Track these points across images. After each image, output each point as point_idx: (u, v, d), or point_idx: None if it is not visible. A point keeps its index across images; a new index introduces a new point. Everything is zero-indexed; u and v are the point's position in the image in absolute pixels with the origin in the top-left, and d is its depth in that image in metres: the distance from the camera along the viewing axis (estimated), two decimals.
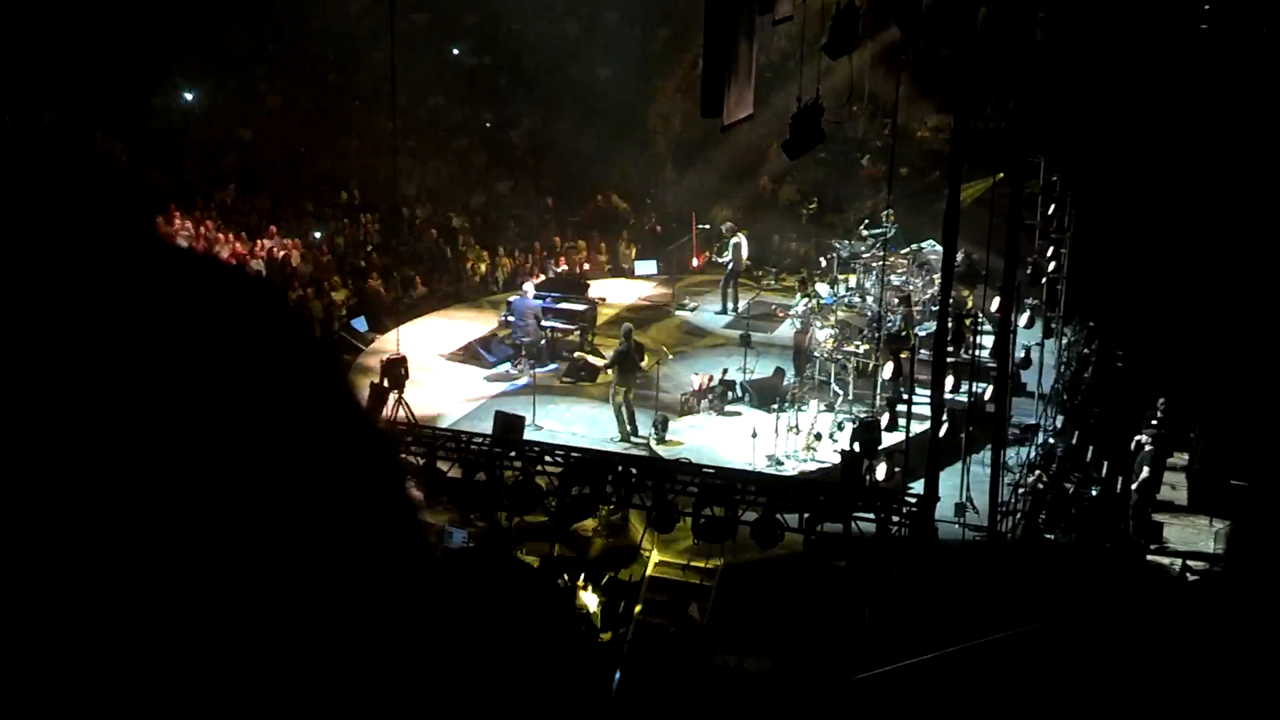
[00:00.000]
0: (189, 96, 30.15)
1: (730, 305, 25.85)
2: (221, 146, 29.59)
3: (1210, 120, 24.61)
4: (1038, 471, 18.78)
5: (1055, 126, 21.49)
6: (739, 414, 20.60)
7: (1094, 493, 19.14)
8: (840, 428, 19.58)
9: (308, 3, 31.90)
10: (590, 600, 15.85)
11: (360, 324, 23.80)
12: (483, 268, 27.24)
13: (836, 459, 17.34)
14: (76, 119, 25.81)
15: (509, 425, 16.69)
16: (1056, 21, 21.87)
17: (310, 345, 0.90)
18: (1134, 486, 18.71)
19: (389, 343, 21.59)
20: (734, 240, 26.35)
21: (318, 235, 26.02)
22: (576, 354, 22.56)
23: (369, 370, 19.99)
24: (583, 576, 16.24)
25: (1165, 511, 19.25)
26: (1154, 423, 19.59)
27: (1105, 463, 19.78)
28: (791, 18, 16.75)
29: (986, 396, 18.66)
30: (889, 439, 17.09)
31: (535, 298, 23.10)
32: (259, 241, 25.07)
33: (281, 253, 24.83)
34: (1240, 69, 24.77)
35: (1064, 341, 22.23)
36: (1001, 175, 17.85)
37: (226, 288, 0.86)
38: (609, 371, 20.30)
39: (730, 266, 26.15)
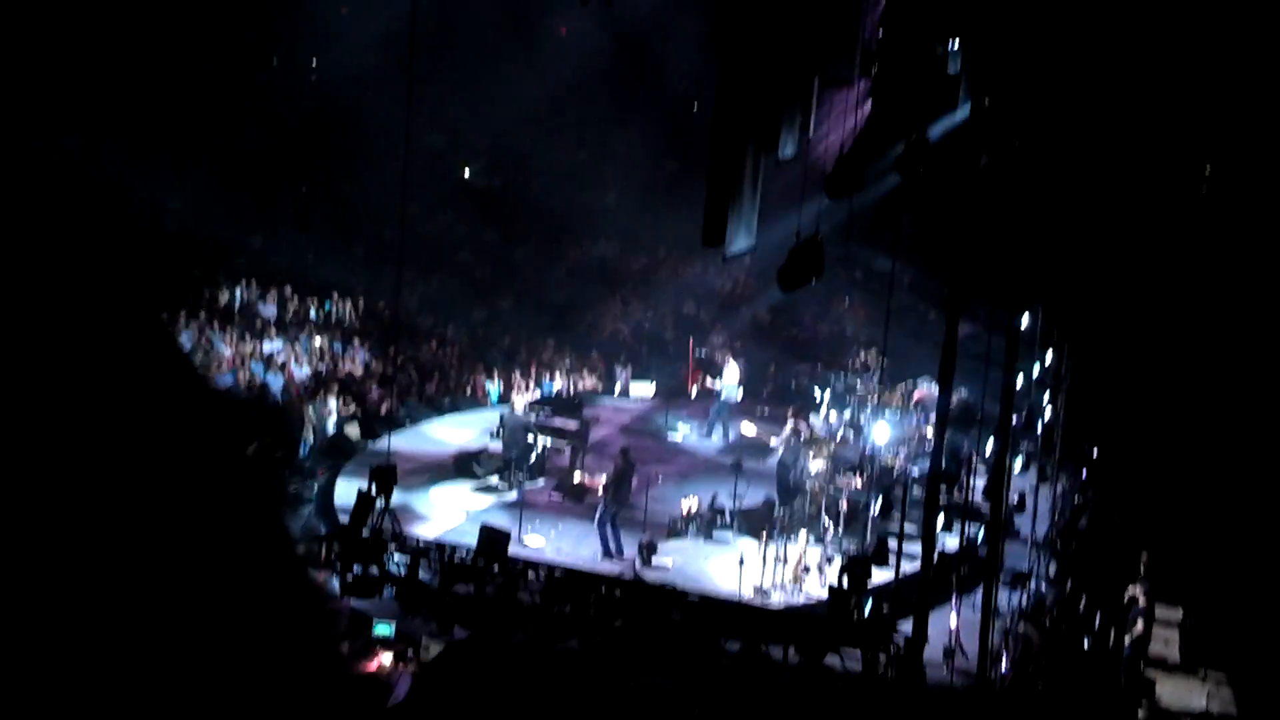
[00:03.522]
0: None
1: (721, 433, 25.78)
2: (231, 249, 29.73)
3: (1208, 283, 24.79)
4: (1028, 619, 18.46)
5: (1053, 276, 21.56)
6: (727, 541, 20.38)
7: (1086, 644, 18.79)
8: (829, 561, 19.35)
9: (325, 115, 32.39)
10: None
11: (354, 430, 23.67)
12: (479, 380, 27.19)
13: (824, 593, 17.06)
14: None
15: (494, 539, 16.46)
16: (1060, 176, 22.08)
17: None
18: (1127, 640, 18.37)
19: (380, 448, 21.40)
20: (727, 367, 26.48)
21: (318, 341, 26.01)
22: (566, 472, 22.41)
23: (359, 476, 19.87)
24: None
25: (1157, 668, 18.85)
26: (1139, 575, 19.30)
27: (1098, 614, 19.46)
28: (796, 157, 16.81)
29: (979, 539, 18.43)
30: (879, 576, 16.82)
31: (528, 413, 23.03)
32: (259, 344, 25.02)
33: (282, 358, 24.78)
34: (1237, 236, 25.02)
35: (1059, 488, 22.06)
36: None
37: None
38: (603, 490, 20.08)
39: (723, 393, 26.17)
